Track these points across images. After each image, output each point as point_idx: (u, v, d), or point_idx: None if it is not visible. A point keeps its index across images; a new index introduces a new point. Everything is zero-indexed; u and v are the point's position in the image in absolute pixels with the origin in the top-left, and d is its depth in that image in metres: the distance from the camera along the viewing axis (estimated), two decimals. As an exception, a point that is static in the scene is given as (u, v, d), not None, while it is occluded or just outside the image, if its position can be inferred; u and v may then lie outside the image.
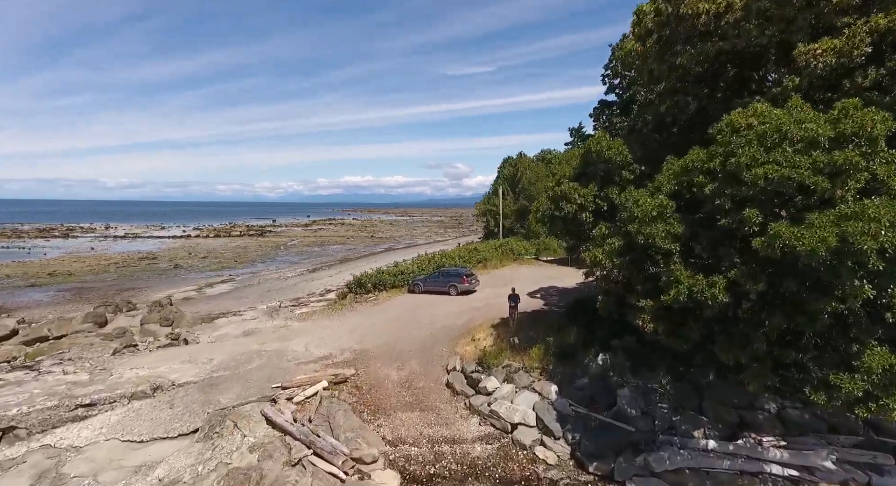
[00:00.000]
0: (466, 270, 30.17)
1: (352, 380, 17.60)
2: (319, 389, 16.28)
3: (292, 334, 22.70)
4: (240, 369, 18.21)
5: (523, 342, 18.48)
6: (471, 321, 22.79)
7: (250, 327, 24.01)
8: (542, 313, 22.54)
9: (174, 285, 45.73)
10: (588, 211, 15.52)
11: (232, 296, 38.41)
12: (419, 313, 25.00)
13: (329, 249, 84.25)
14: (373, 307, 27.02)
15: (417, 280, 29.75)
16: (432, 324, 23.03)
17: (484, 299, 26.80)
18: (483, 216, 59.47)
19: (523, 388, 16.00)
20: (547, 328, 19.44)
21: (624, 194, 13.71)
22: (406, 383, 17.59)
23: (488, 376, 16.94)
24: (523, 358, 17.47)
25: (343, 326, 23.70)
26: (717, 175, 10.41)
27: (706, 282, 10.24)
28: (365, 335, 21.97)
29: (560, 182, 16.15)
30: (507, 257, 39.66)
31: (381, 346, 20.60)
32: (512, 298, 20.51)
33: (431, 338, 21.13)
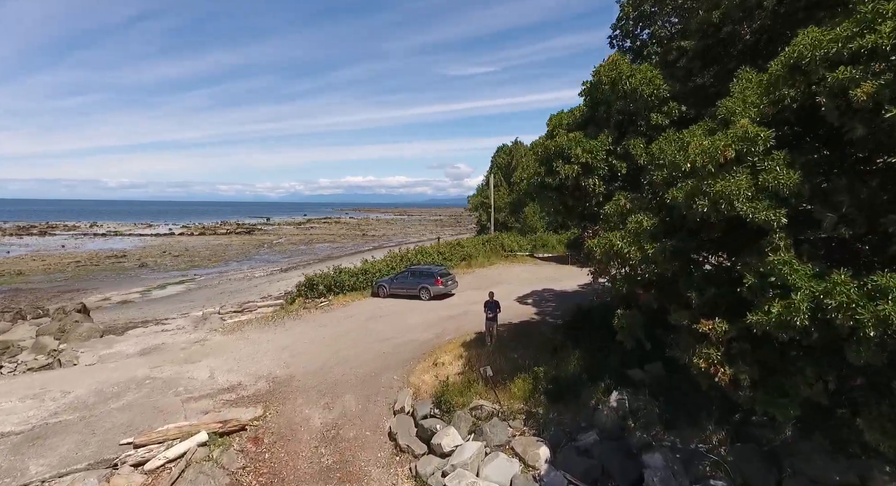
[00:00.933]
0: (441, 268, 24.63)
1: (252, 428, 12.10)
2: (192, 445, 10.79)
3: (204, 352, 17.22)
4: (97, 409, 12.73)
5: (503, 371, 12.96)
6: (439, 336, 17.29)
7: (156, 343, 18.56)
8: (531, 325, 17.01)
9: (122, 287, 40.47)
10: (597, 175, 10.00)
11: (177, 299, 33.03)
12: (376, 324, 19.51)
13: (315, 247, 79.36)
14: (322, 315, 21.53)
15: (382, 282, 24.24)
16: (389, 339, 17.54)
17: (461, 306, 21.28)
18: (475, 210, 53.92)
19: (497, 448, 10.45)
20: (537, 350, 13.93)
21: (660, 142, 8.29)
22: (331, 431, 12.10)
23: (447, 424, 11.43)
24: (501, 396, 11.96)
25: (274, 341, 18.22)
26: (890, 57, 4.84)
27: (858, 289, 4.73)
28: (297, 355, 16.50)
29: (554, 133, 10.61)
30: (497, 253, 34.08)
31: (312, 372, 15.12)
32: (489, 306, 14.95)
33: (382, 360, 15.63)
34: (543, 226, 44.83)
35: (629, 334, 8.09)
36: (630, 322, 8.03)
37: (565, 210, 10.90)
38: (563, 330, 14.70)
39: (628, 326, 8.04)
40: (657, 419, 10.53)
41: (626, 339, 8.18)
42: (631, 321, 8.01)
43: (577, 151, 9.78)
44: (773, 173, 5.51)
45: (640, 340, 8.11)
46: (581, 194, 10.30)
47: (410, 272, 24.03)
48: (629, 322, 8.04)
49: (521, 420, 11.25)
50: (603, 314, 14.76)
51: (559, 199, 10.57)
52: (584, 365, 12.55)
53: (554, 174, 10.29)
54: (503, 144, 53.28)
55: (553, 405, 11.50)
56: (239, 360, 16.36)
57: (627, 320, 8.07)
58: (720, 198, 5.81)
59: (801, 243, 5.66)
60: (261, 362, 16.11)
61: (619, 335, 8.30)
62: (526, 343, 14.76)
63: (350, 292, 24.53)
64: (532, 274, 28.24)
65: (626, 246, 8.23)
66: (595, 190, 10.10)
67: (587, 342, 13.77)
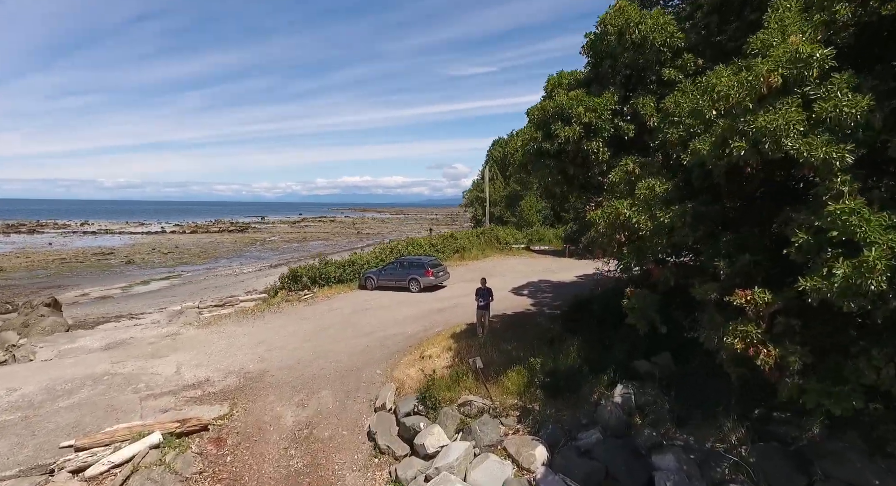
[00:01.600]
0: (432, 259, 23.36)
1: (215, 427, 10.84)
2: (143, 448, 9.52)
3: (174, 346, 15.94)
4: (43, 408, 11.43)
5: (495, 363, 11.75)
6: (427, 329, 16.06)
7: (123, 337, 17.24)
8: (527, 316, 15.82)
9: (104, 283, 39.06)
10: (601, 138, 8.78)
11: (158, 295, 31.66)
12: (361, 317, 18.26)
13: (309, 244, 77.99)
14: (305, 309, 20.25)
15: (369, 273, 22.96)
16: (374, 333, 16.30)
17: (452, 298, 20.06)
18: (471, 205, 52.70)
19: (487, 449, 9.22)
20: (533, 341, 12.72)
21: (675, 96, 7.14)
22: (303, 430, 10.87)
23: (433, 422, 10.21)
24: (492, 390, 10.74)
25: (251, 335, 16.95)
26: None
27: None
28: (273, 350, 15.24)
29: (553, 93, 9.39)
30: (491, 246, 32.81)
31: (288, 366, 13.87)
32: (481, 293, 13.70)
33: (365, 354, 14.39)
34: (540, 220, 43.70)
35: (642, 316, 6.86)
36: (643, 302, 6.80)
37: (565, 180, 9.65)
38: (562, 320, 13.51)
39: (641, 306, 6.82)
40: (668, 415, 9.33)
41: (639, 322, 6.96)
42: (644, 301, 6.79)
43: (579, 110, 8.57)
44: (832, 101, 4.30)
45: (654, 323, 6.88)
46: (583, 161, 9.09)
47: (399, 263, 22.75)
48: (642, 302, 6.81)
49: (515, 417, 10.03)
50: (605, 303, 13.61)
51: (558, 167, 9.34)
52: (584, 357, 11.37)
53: (552, 138, 9.07)
54: (499, 137, 52.11)
55: (550, 401, 10.29)
56: (210, 354, 15.09)
57: (639, 299, 6.84)
58: (763, 135, 4.60)
59: (871, 189, 4.45)
60: (234, 356, 14.84)
61: (631, 318, 7.08)
62: (521, 334, 13.55)
63: (336, 285, 23.24)
64: (528, 266, 27.02)
65: (634, 215, 7.04)
66: (599, 156, 8.89)
67: (587, 333, 12.60)
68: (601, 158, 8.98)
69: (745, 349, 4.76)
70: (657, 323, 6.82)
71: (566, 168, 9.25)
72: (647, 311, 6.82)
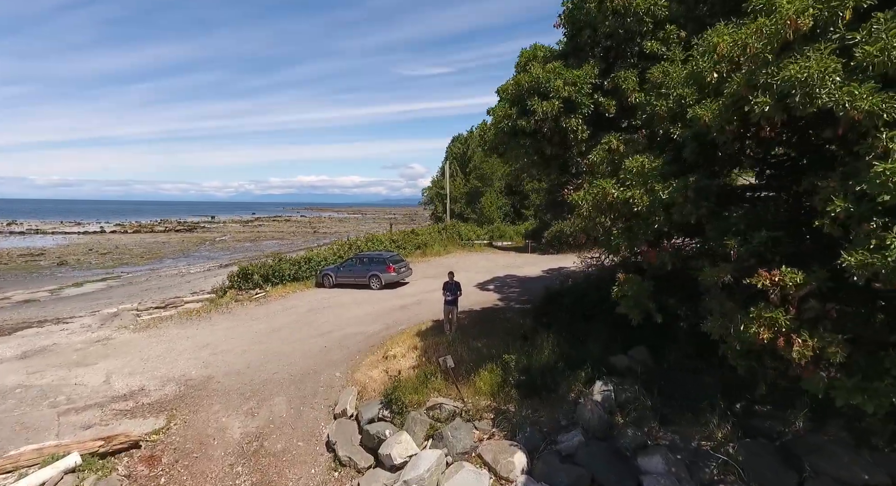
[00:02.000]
0: (393, 254, 22.33)
1: (148, 444, 9.48)
2: (55, 473, 8.08)
3: (104, 353, 14.23)
4: (-65, 428, 9.69)
5: (465, 362, 10.91)
6: (390, 327, 15.05)
7: (45, 344, 15.30)
8: (495, 312, 15.09)
9: (31, 286, 35.60)
10: (580, 114, 8.08)
11: (92, 297, 28.99)
12: (318, 316, 17.03)
13: (262, 244, 74.78)
14: (256, 309, 18.78)
15: (327, 270, 21.67)
16: (332, 332, 15.15)
17: (415, 294, 19.14)
18: (430, 203, 51.82)
19: (461, 457, 8.36)
20: (504, 338, 11.98)
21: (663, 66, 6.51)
22: (253, 443, 9.67)
23: (399, 428, 9.26)
24: (464, 391, 9.89)
25: (195, 338, 15.42)
26: None
27: None
28: (220, 354, 13.83)
29: (528, 67, 8.62)
30: (453, 242, 32.05)
31: (236, 371, 12.55)
32: (449, 288, 12.83)
33: (322, 355, 13.25)
34: (500, 216, 43.38)
35: (635, 304, 6.17)
36: (636, 289, 6.11)
37: (541, 161, 8.93)
38: (533, 315, 12.82)
39: (634, 294, 6.12)
40: (650, 412, 8.77)
41: (631, 310, 6.27)
42: (637, 288, 6.09)
43: (557, 83, 7.86)
44: (878, 44, 3.67)
45: (649, 311, 6.20)
46: (561, 140, 8.39)
47: (359, 259, 21.57)
48: (635, 290, 6.12)
49: (490, 420, 9.21)
50: (577, 296, 13.04)
51: (534, 147, 8.60)
52: (559, 353, 10.70)
53: (528, 115, 8.31)
54: (458, 134, 51.47)
55: (526, 401, 9.55)
56: (146, 360, 13.52)
57: (632, 286, 6.14)
58: (792, 88, 3.93)
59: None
60: (174, 362, 13.34)
61: (623, 306, 6.38)
62: (490, 331, 12.79)
63: (291, 283, 21.81)
64: (492, 262, 26.40)
65: (626, 191, 6.35)
66: (578, 134, 8.18)
67: (560, 327, 11.97)
68: (580, 136, 8.31)
69: (773, 339, 4.11)
70: (653, 311, 6.15)
71: (543, 148, 8.52)
72: (641, 298, 6.14)
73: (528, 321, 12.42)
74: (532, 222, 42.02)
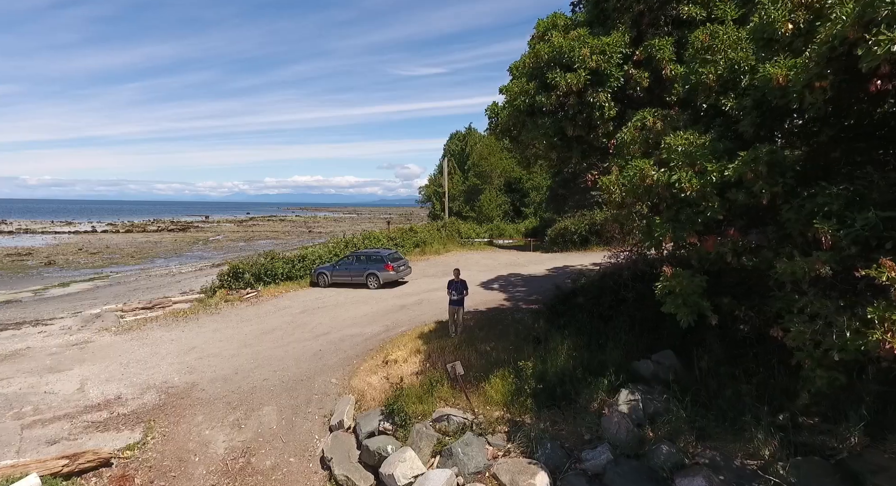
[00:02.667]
0: (392, 252, 21.32)
1: (120, 461, 8.46)
2: (12, 497, 7.05)
3: (81, 357, 13.19)
4: None
5: (474, 367, 9.94)
6: (390, 329, 14.07)
7: (17, 347, 14.23)
8: (503, 312, 14.13)
9: (15, 286, 34.36)
10: (608, 87, 7.13)
11: (77, 297, 27.88)
12: (313, 317, 16.03)
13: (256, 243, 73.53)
14: (247, 309, 17.75)
15: (322, 269, 20.65)
16: (327, 334, 14.16)
17: (416, 294, 18.16)
18: (427, 201, 50.81)
19: (474, 478, 7.39)
20: (515, 341, 11.04)
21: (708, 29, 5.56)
22: (239, 459, 8.68)
23: (403, 443, 8.28)
24: (473, 400, 8.91)
25: (180, 341, 14.39)
26: None
27: None
28: (206, 358, 12.82)
29: (547, 36, 7.65)
30: (453, 240, 31.06)
31: (223, 377, 11.55)
32: (454, 286, 11.85)
33: (317, 360, 12.25)
34: (500, 214, 42.47)
35: (685, 304, 5.20)
36: (686, 286, 5.15)
37: (562, 144, 7.95)
38: (546, 316, 11.84)
39: (683, 291, 5.16)
40: (686, 425, 7.80)
41: (680, 310, 5.31)
42: (688, 285, 5.13)
43: (584, 51, 6.90)
44: None
45: (702, 311, 5.23)
46: (585, 119, 7.40)
47: (356, 257, 20.55)
48: (684, 286, 5.15)
49: (504, 434, 8.25)
50: (593, 295, 12.09)
51: (554, 127, 7.62)
52: (577, 357, 9.74)
53: (549, 91, 7.32)
54: (456, 131, 50.53)
55: (544, 412, 8.59)
56: (126, 365, 12.48)
57: (682, 282, 5.17)
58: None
59: None
60: (156, 367, 12.31)
61: (668, 306, 5.42)
62: (499, 333, 11.83)
63: (284, 282, 20.79)
64: (494, 260, 25.44)
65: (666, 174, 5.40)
66: (606, 112, 7.21)
67: (575, 329, 11.01)
68: (608, 114, 7.33)
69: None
70: (707, 311, 5.18)
71: (565, 127, 7.56)
72: (691, 297, 5.18)
73: (540, 323, 11.45)
74: (532, 220, 41.14)
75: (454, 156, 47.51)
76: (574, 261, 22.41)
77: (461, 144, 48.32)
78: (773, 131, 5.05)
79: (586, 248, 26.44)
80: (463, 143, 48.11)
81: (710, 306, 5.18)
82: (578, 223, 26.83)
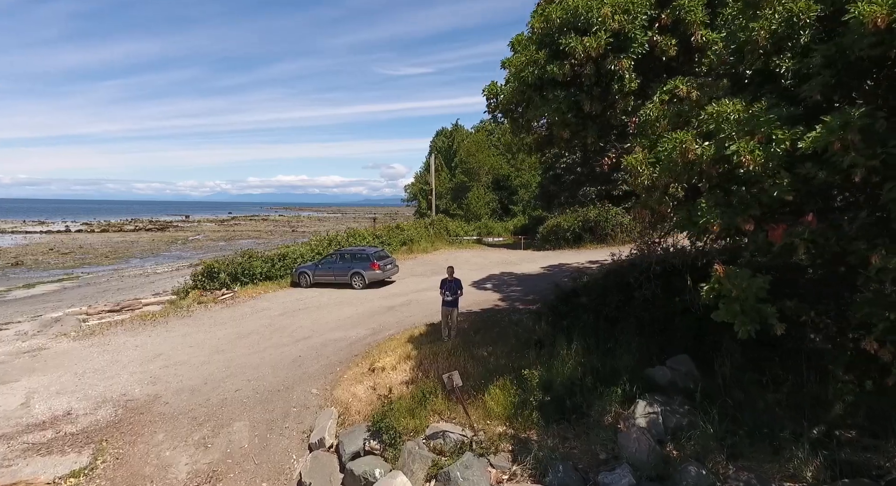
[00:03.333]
0: (378, 250, 20.20)
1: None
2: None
3: (32, 366, 11.86)
4: None
5: (470, 376, 8.92)
6: (376, 332, 12.99)
7: (-40, 356, 12.80)
8: (499, 313, 13.15)
9: (-25, 287, 32.55)
10: (631, 53, 6.17)
11: (41, 299, 26.20)
12: (293, 320, 14.86)
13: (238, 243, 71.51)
14: (222, 311, 16.50)
15: (303, 268, 19.44)
16: (308, 338, 13.02)
17: (404, 294, 17.10)
18: (413, 199, 49.69)
19: (475, 508, 6.37)
20: (514, 345, 10.07)
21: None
22: (203, 485, 7.52)
23: (392, 464, 7.23)
24: (472, 414, 7.89)
25: (146, 347, 13.13)
26: None
27: None
28: (173, 366, 11.60)
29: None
30: (441, 238, 30.01)
31: (190, 388, 10.36)
32: (448, 286, 10.81)
33: (296, 367, 11.13)
34: (488, 212, 41.59)
35: (744, 310, 4.21)
36: (747, 288, 4.16)
37: (577, 120, 6.96)
38: (547, 318, 10.86)
39: (744, 294, 4.17)
40: (715, 442, 6.89)
41: (737, 318, 4.30)
42: (748, 286, 4.15)
43: (604, 10, 5.92)
44: None
45: (766, 318, 4.23)
46: (603, 91, 6.42)
47: (340, 255, 19.38)
48: (745, 288, 4.17)
49: (508, 453, 7.24)
50: (597, 295, 11.18)
51: (569, 101, 6.63)
52: (585, 364, 8.78)
53: (562, 59, 6.33)
54: (443, 128, 49.50)
55: (552, 427, 7.60)
56: (81, 376, 11.21)
57: (741, 284, 4.18)
58: None
59: None
60: (115, 377, 11.07)
61: (722, 312, 4.42)
62: (497, 336, 10.84)
63: (263, 282, 19.53)
64: (485, 259, 24.47)
65: (713, 148, 4.47)
66: (627, 84, 6.26)
67: (579, 332, 10.03)
68: (628, 86, 6.37)
69: None
70: (772, 319, 4.21)
71: (581, 101, 6.57)
72: (750, 300, 4.22)
73: (542, 325, 10.48)
74: (521, 218, 40.32)
75: (441, 153, 46.47)
76: (568, 259, 21.54)
77: (448, 140, 47.31)
78: (852, 94, 4.13)
79: (580, 245, 25.62)
80: (450, 139, 47.11)
81: (777, 312, 4.21)
82: (571, 220, 26.01)
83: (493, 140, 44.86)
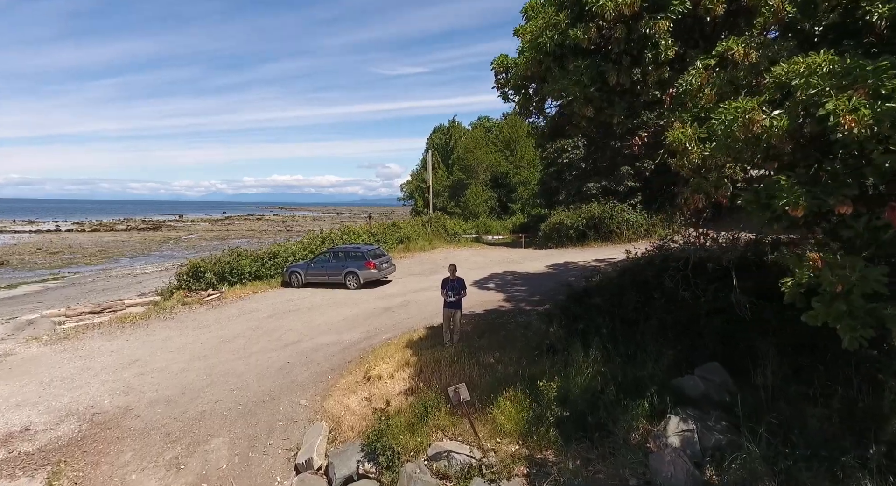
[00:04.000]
0: (373, 248, 19.20)
1: (7, 524, 6.24)
2: None
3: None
4: None
5: (476, 385, 7.97)
6: (372, 336, 12.02)
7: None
8: (504, 315, 12.19)
9: (-48, 288, 31.34)
10: (668, 14, 5.22)
11: (21, 300, 25.08)
12: (282, 322, 13.87)
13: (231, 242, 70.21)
14: (207, 313, 15.47)
15: (295, 267, 18.43)
16: (298, 343, 12.04)
17: (401, 295, 16.14)
18: (410, 197, 48.68)
19: (489, 548, 5.41)
20: (524, 350, 9.11)
21: None
22: (172, 516, 6.54)
23: (390, 493, 6.26)
24: (480, 430, 6.95)
25: (122, 352, 12.12)
26: None
27: None
28: (149, 373, 10.60)
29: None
30: (439, 236, 29.05)
31: (165, 399, 9.36)
32: (450, 286, 9.83)
33: (283, 375, 10.14)
34: (486, 210, 40.67)
35: (852, 314, 3.25)
36: (857, 280, 3.21)
37: (602, 95, 6.00)
38: (559, 320, 9.92)
39: (854, 289, 3.22)
40: (762, 466, 5.96)
41: (844, 322, 3.30)
42: (858, 278, 3.20)
43: (640, -41, 4.93)
44: None
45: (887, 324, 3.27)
46: (633, 60, 5.48)
47: (333, 254, 18.38)
48: (853, 280, 3.21)
49: (524, 479, 6.30)
50: (612, 295, 10.26)
51: (593, 71, 5.67)
52: (605, 373, 7.84)
53: (587, 20, 5.38)
54: (440, 125, 48.53)
55: (572, 446, 6.66)
56: (48, 385, 10.19)
57: (850, 277, 3.22)
58: None
59: None
60: (84, 386, 10.06)
61: (820, 315, 3.42)
62: (504, 340, 9.90)
63: (252, 282, 18.51)
64: (485, 258, 23.52)
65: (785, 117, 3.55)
66: (662, 52, 5.32)
67: (598, 337, 9.09)
68: (664, 55, 5.43)
69: None
70: (892, 323, 3.26)
71: (609, 72, 5.61)
72: (860, 300, 3.27)
73: (554, 328, 9.54)
74: (520, 217, 39.44)
75: (438, 150, 45.50)
76: (573, 257, 20.64)
77: (445, 137, 46.35)
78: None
79: (584, 243, 24.71)
80: (447, 136, 46.15)
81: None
82: (575, 217, 25.10)
83: (492, 137, 43.93)
